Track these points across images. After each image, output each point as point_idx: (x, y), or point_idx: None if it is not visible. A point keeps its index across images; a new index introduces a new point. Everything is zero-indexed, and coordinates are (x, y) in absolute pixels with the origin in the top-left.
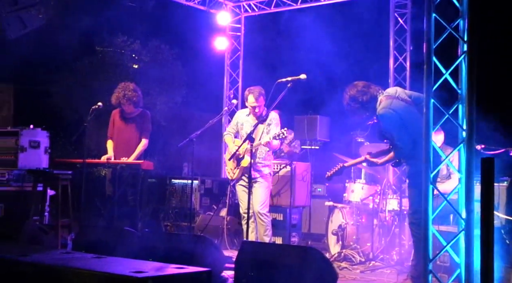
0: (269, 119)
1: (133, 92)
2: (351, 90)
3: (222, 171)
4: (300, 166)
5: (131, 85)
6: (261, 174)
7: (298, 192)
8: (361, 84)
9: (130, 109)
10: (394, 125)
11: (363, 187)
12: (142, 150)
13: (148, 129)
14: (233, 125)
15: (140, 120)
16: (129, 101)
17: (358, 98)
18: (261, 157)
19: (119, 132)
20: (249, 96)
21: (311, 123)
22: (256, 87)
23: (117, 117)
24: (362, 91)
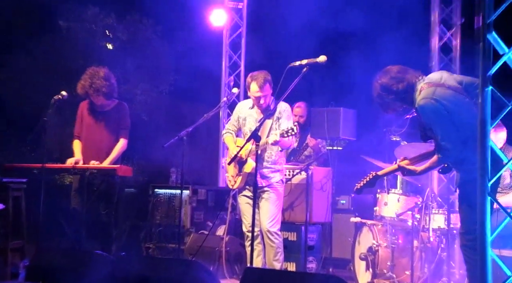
0: (278, 112)
1: (103, 81)
2: (382, 77)
3: (220, 179)
4: (318, 172)
5: (101, 71)
6: (269, 181)
7: (316, 205)
8: (395, 69)
9: (101, 101)
10: (438, 120)
11: (399, 199)
12: (119, 152)
13: (126, 126)
14: (233, 121)
15: (115, 114)
16: (97, 92)
17: (392, 87)
18: (270, 160)
19: (89, 129)
20: (252, 83)
21: (333, 117)
22: (261, 72)
23: (86, 111)
24: (396, 77)
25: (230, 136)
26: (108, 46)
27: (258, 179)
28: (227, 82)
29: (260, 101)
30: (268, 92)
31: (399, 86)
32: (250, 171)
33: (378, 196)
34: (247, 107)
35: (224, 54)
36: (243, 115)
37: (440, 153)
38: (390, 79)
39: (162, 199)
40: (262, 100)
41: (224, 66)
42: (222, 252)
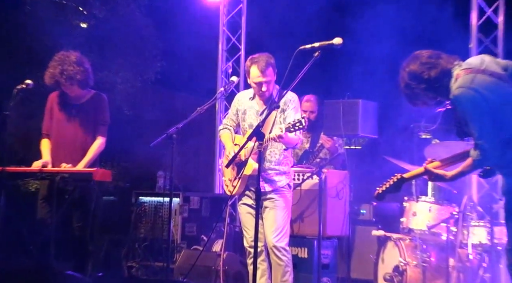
0: (283, 102)
1: (76, 67)
2: (411, 64)
3: (216, 184)
4: (333, 176)
5: (72, 55)
6: (275, 186)
7: (331, 215)
8: (426, 53)
9: (75, 92)
10: (476, 114)
11: (431, 208)
12: (96, 153)
13: (104, 121)
14: (231, 114)
15: (92, 107)
16: (70, 80)
17: (422, 75)
18: (273, 160)
19: (60, 126)
20: (252, 67)
21: (350, 110)
22: (262, 54)
23: (57, 104)
24: (428, 63)
25: (228, 133)
26: (81, 25)
27: (262, 183)
28: (224, 69)
29: (262, 88)
30: (272, 77)
31: (430, 73)
32: (251, 173)
33: (405, 204)
34: (247, 98)
35: (220, 36)
36: (243, 108)
37: (477, 154)
38: (420, 66)
39: (148, 209)
40: (264, 87)
41: (220, 50)
42: (219, 271)
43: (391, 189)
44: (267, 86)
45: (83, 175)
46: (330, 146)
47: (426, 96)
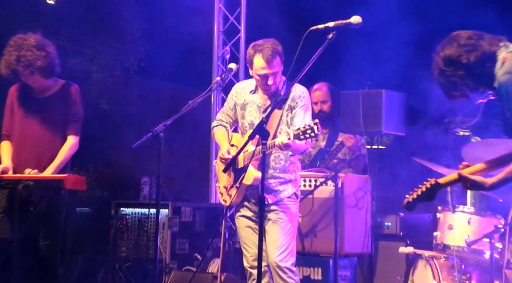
0: (291, 99)
1: (36, 51)
2: (447, 47)
3: (212, 192)
4: (352, 182)
5: (31, 38)
6: (278, 197)
7: (349, 229)
8: (465, 34)
9: (37, 82)
10: None
11: (470, 220)
12: (67, 156)
13: (77, 117)
14: (228, 109)
15: (61, 101)
16: (29, 68)
17: (460, 59)
18: (278, 167)
19: (23, 124)
20: (256, 57)
21: (371, 103)
22: (268, 40)
23: (18, 99)
24: (467, 45)
25: (223, 131)
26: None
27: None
28: (221, 55)
29: (267, 82)
30: (279, 68)
31: (470, 57)
32: (252, 183)
33: (440, 216)
34: (247, 91)
35: (216, 14)
36: (242, 101)
37: None
38: (458, 48)
39: (130, 222)
40: (270, 80)
41: (216, 32)
42: None
43: (423, 197)
44: (273, 79)
45: (51, 183)
46: (352, 145)
47: (466, 86)
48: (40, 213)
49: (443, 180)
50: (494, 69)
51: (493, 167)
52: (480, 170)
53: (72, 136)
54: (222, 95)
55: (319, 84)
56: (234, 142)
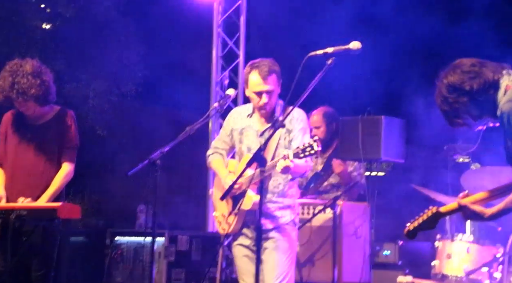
0: (289, 121)
1: (31, 79)
2: (450, 74)
3: (209, 220)
4: (350, 210)
5: (27, 64)
6: (277, 223)
7: (347, 257)
8: (468, 62)
9: (31, 110)
10: None
11: (469, 249)
12: (62, 184)
13: (72, 145)
14: (224, 135)
15: (56, 128)
16: (23, 95)
17: (463, 86)
18: (276, 192)
19: (16, 152)
20: (252, 73)
21: (370, 130)
22: (264, 59)
23: (12, 125)
24: (470, 72)
25: (220, 158)
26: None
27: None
28: (219, 80)
29: (262, 100)
30: (275, 87)
31: (473, 84)
32: (251, 208)
33: (438, 244)
34: (244, 115)
35: (214, 39)
36: (239, 126)
37: None
38: (461, 75)
39: (125, 252)
40: (265, 98)
41: (214, 57)
42: None
43: (424, 225)
44: (268, 97)
45: (45, 212)
46: (340, 172)
47: (468, 113)
48: (33, 243)
49: (444, 208)
50: (497, 97)
51: (493, 197)
52: (480, 200)
53: (67, 163)
54: (220, 121)
55: (315, 110)
56: (231, 169)
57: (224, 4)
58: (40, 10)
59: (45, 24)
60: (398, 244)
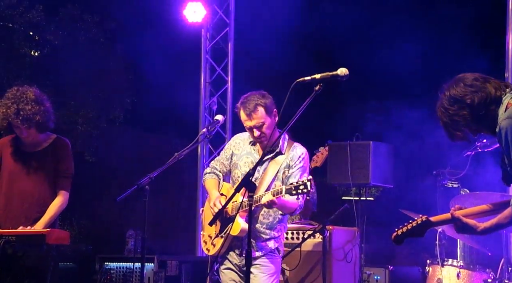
0: (290, 158)
1: (35, 106)
2: (452, 88)
3: (198, 245)
4: (340, 234)
5: (30, 92)
6: (260, 252)
7: (337, 282)
8: (471, 76)
9: (31, 137)
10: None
11: (460, 274)
12: (57, 212)
13: (68, 173)
14: (224, 158)
15: (52, 156)
16: (27, 122)
17: (465, 98)
18: (266, 223)
19: (12, 179)
20: (241, 110)
21: (359, 155)
22: (253, 93)
23: (9, 152)
24: (473, 86)
25: (215, 179)
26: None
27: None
28: (207, 106)
29: (254, 134)
30: (264, 120)
31: (475, 98)
32: (238, 234)
33: (428, 269)
34: (247, 142)
35: (203, 65)
36: (240, 152)
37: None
38: (464, 88)
39: (115, 277)
40: (255, 132)
41: (203, 82)
42: None
43: (413, 231)
44: (258, 131)
45: (33, 238)
46: None
47: (468, 127)
48: (26, 268)
49: (434, 218)
50: (497, 113)
51: (486, 213)
52: (473, 214)
53: (63, 192)
54: (209, 147)
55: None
56: (224, 192)
57: (212, 31)
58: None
59: (33, 52)
60: (388, 269)
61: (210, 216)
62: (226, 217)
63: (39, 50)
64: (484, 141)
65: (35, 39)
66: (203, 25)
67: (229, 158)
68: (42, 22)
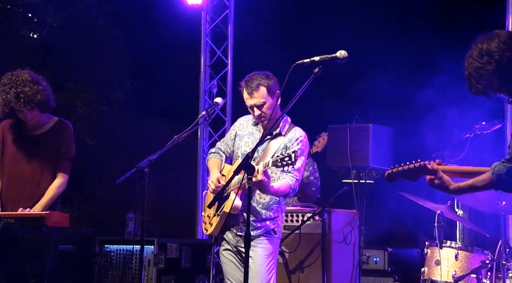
0: (288, 139)
1: (34, 86)
2: (485, 41)
3: (199, 227)
4: (339, 217)
5: (24, 74)
6: (259, 230)
7: (336, 264)
8: (506, 34)
9: (35, 118)
10: None
11: (458, 256)
12: (55, 194)
13: (68, 156)
14: (229, 139)
15: (54, 139)
16: (30, 103)
17: (494, 54)
18: (261, 203)
19: (13, 161)
20: (243, 89)
21: (359, 138)
22: (258, 73)
23: (10, 135)
24: (506, 44)
25: (218, 159)
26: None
27: (242, 226)
28: (207, 89)
29: (255, 113)
30: (266, 100)
31: (504, 55)
32: (230, 211)
33: (427, 251)
34: (250, 123)
35: (202, 48)
36: (242, 133)
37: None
38: (496, 44)
39: (115, 259)
40: (256, 111)
41: (203, 65)
42: None
43: (407, 173)
44: (259, 110)
45: (33, 220)
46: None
47: (490, 83)
48: (26, 251)
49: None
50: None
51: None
52: (451, 171)
53: (62, 174)
54: (209, 130)
55: None
56: (225, 172)
57: (212, 13)
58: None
59: (33, 33)
60: (387, 251)
61: (211, 197)
62: (223, 196)
63: (38, 32)
64: (483, 123)
65: (34, 21)
66: (203, 7)
67: (233, 139)
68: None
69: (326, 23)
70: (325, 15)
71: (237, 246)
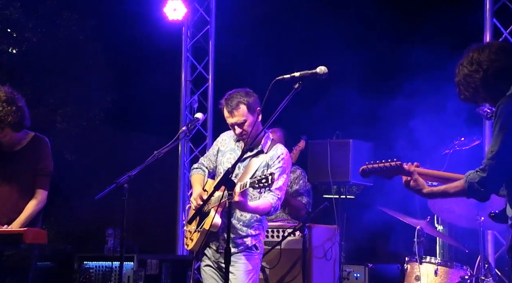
0: (270, 157)
1: (6, 106)
2: (477, 51)
3: (179, 243)
4: (320, 232)
5: (1, 92)
6: (240, 247)
7: (317, 280)
8: (496, 45)
9: (7, 137)
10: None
11: (437, 271)
12: (34, 211)
13: (46, 172)
14: (211, 154)
15: (31, 155)
16: (1, 123)
17: (482, 64)
18: (242, 220)
19: None
20: (224, 107)
21: (339, 153)
22: (238, 91)
23: None
24: (496, 54)
25: (201, 175)
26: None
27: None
28: (188, 104)
29: (236, 131)
30: (246, 118)
31: (492, 65)
32: (210, 228)
33: (407, 266)
34: (232, 139)
35: (183, 63)
36: (224, 149)
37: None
38: (487, 54)
39: (94, 276)
40: (237, 129)
41: (183, 81)
42: None
43: (382, 170)
44: (240, 129)
45: (10, 237)
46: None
47: (477, 92)
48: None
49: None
50: (510, 88)
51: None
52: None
53: (41, 190)
54: (190, 145)
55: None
56: (207, 188)
57: (193, 29)
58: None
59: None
60: (367, 267)
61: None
62: (204, 212)
63: (17, 47)
64: (462, 139)
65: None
66: (184, 23)
67: (216, 154)
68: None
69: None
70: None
71: (218, 262)
